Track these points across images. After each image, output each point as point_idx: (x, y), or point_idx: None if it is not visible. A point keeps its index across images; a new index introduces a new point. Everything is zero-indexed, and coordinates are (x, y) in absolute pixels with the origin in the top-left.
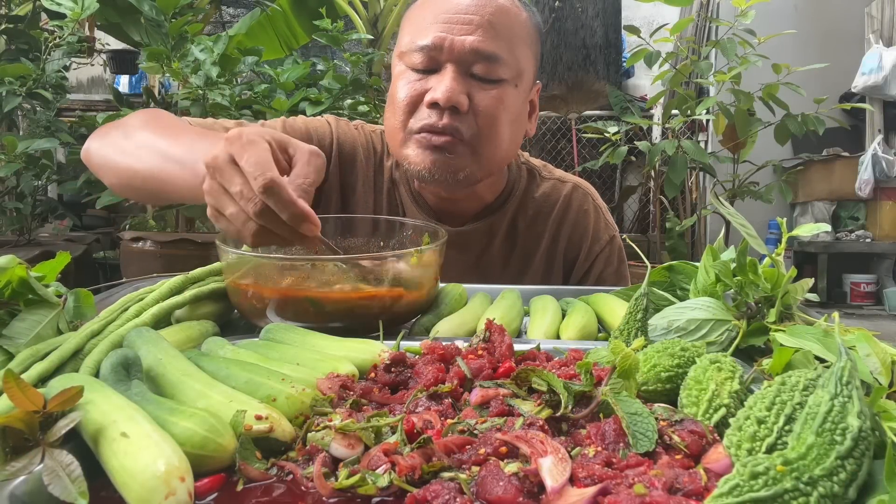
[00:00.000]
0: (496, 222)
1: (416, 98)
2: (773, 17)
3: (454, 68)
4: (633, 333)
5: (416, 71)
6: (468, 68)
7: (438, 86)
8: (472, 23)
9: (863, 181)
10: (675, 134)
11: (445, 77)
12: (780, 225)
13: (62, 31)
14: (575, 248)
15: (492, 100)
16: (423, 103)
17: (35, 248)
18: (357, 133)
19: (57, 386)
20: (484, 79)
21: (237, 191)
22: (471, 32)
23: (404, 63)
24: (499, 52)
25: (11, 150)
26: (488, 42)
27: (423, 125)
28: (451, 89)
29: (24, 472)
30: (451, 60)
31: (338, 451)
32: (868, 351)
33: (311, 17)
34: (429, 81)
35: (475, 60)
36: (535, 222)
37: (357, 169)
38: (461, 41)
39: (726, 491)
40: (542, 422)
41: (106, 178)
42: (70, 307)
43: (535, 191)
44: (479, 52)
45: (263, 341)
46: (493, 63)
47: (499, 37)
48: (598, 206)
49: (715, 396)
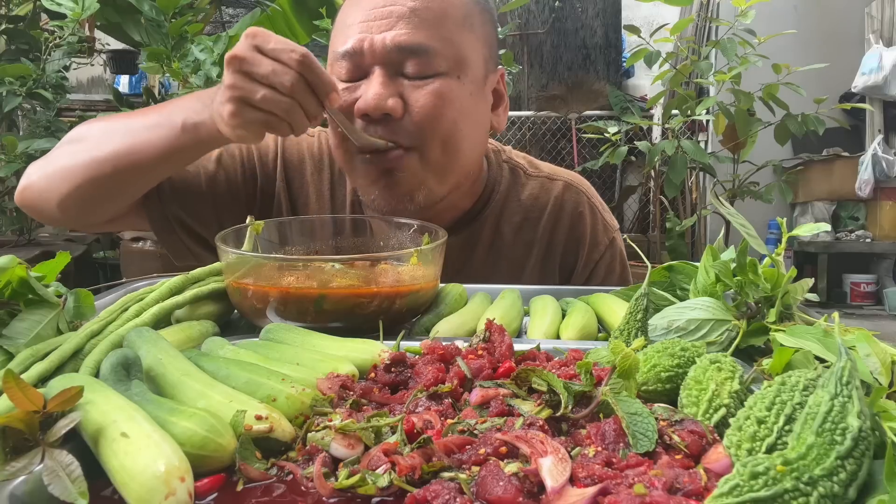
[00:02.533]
0: (474, 233)
1: (347, 111)
2: (773, 17)
3: (381, 71)
4: (633, 333)
5: (345, 81)
6: (398, 68)
7: (365, 93)
8: (391, 15)
9: (863, 181)
10: (674, 134)
11: (372, 82)
12: (780, 225)
13: (62, 31)
14: (571, 257)
15: (429, 96)
16: (356, 117)
17: (35, 248)
18: (310, 140)
19: (57, 386)
20: (417, 76)
21: (268, 70)
22: (391, 27)
23: (335, 74)
24: (427, 42)
25: (11, 150)
26: (412, 34)
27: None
28: (377, 94)
29: (24, 472)
30: (375, 63)
31: (338, 451)
32: (868, 351)
33: (311, 17)
34: (358, 90)
35: (402, 58)
36: (523, 230)
37: (306, 182)
38: (381, 39)
39: (726, 491)
40: (542, 422)
41: (59, 191)
42: (70, 307)
43: (520, 192)
44: (402, 47)
45: (263, 341)
46: (422, 56)
47: (425, 26)
48: (594, 206)
49: (715, 396)
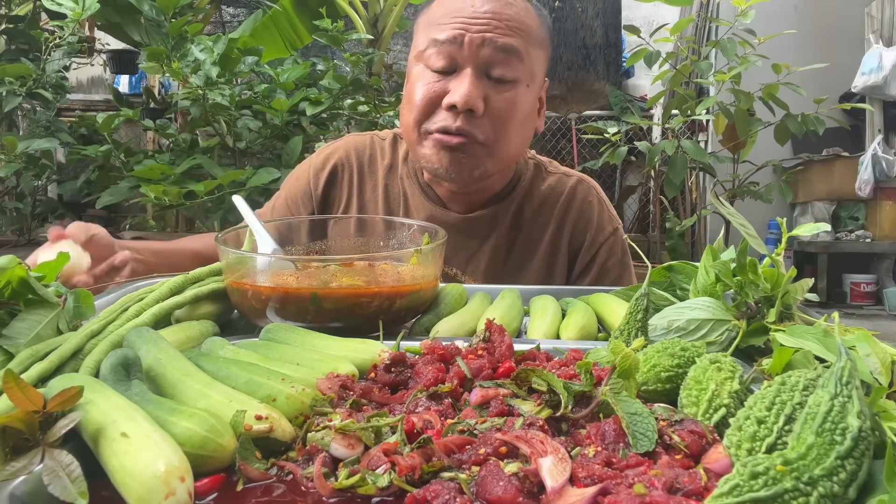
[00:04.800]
0: (502, 210)
1: (434, 99)
2: (773, 17)
3: (472, 71)
4: (633, 333)
5: (435, 72)
6: (486, 70)
7: (457, 89)
8: (489, 23)
9: (863, 181)
10: (674, 134)
11: (464, 80)
12: (780, 225)
13: (62, 31)
14: (579, 237)
15: (506, 102)
16: (441, 105)
17: (35, 248)
18: (354, 144)
19: (57, 386)
20: (500, 80)
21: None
22: (489, 30)
23: (422, 63)
24: (515, 53)
25: (11, 150)
26: (506, 39)
27: (438, 126)
28: (469, 93)
29: (24, 472)
30: (469, 61)
31: (338, 451)
32: (868, 351)
33: (312, 17)
34: (447, 83)
35: (493, 62)
36: (541, 212)
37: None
38: (479, 36)
39: (726, 491)
40: (542, 422)
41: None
42: (70, 307)
43: (540, 183)
44: (496, 45)
45: (263, 341)
46: (509, 65)
47: (516, 36)
48: (601, 199)
49: (715, 396)
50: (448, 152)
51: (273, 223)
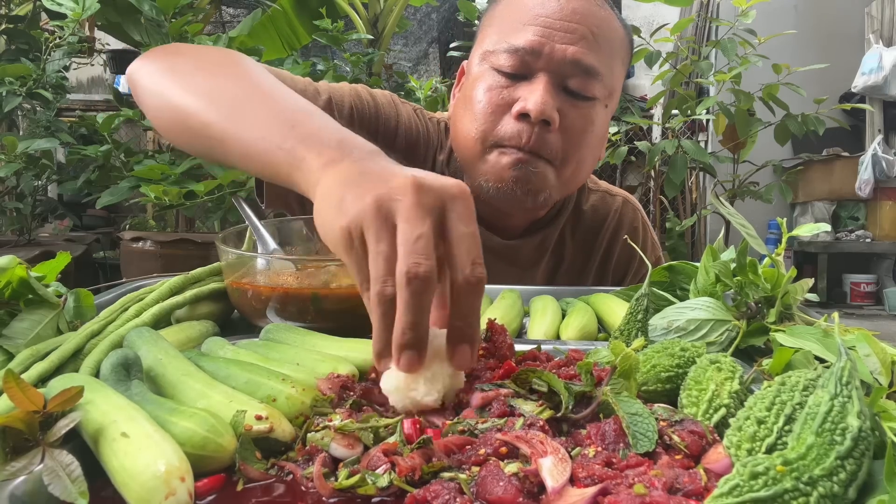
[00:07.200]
0: (548, 236)
1: (503, 105)
2: (773, 17)
3: (548, 79)
4: (633, 333)
5: (504, 74)
6: (563, 81)
7: (531, 96)
8: (575, 32)
9: (863, 181)
10: (675, 134)
11: (538, 87)
12: (780, 225)
13: (62, 31)
14: (622, 269)
15: (582, 119)
16: (511, 113)
17: (35, 248)
18: (417, 120)
19: (57, 386)
20: (577, 95)
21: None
22: (573, 42)
23: (489, 63)
24: (598, 67)
25: (11, 150)
26: (590, 55)
27: (508, 138)
28: (545, 102)
29: (24, 472)
30: (546, 69)
31: (338, 451)
32: (868, 351)
33: (312, 17)
34: (518, 89)
35: (572, 73)
36: (586, 238)
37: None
38: (562, 49)
39: (726, 491)
40: (542, 422)
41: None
42: (70, 307)
43: (583, 203)
44: (579, 64)
45: (263, 341)
46: (590, 79)
47: (600, 51)
48: (646, 225)
49: (715, 397)
50: (513, 168)
51: (273, 223)
